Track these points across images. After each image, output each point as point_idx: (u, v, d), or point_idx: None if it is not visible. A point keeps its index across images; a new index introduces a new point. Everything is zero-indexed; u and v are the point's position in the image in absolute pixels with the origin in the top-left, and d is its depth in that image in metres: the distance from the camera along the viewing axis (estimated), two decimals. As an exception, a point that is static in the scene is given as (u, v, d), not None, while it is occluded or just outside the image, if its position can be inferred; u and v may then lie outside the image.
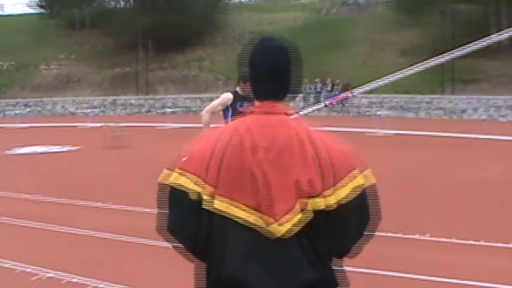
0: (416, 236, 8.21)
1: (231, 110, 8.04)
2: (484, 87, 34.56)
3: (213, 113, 8.14)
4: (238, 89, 8.31)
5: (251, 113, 2.48)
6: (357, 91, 9.36)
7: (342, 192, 2.34)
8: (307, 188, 2.30)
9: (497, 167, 14.77)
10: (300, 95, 36.09)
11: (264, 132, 2.38)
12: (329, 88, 35.81)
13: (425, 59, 8.51)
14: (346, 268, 2.54)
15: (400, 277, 6.60)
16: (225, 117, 8.01)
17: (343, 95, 9.20)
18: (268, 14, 51.28)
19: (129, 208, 10.08)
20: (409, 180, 12.97)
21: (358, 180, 2.39)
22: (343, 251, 2.48)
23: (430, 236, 8.20)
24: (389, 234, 8.02)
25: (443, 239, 8.06)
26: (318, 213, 2.32)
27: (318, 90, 36.09)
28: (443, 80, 37.92)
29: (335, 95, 35.14)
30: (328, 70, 37.00)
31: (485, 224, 9.01)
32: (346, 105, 34.06)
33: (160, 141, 21.75)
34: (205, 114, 8.04)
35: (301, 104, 35.66)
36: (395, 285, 6.46)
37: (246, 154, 2.34)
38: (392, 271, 6.73)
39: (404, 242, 8.03)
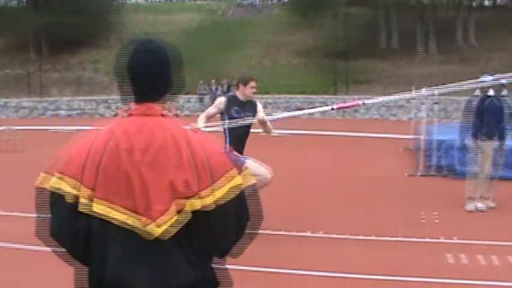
0: (309, 234, 8.37)
1: (226, 115, 7.95)
2: (376, 88, 35.62)
3: (208, 118, 8.05)
4: (237, 93, 8.17)
5: (129, 115, 2.49)
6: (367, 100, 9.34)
7: (219, 193, 2.37)
8: (183, 188, 2.32)
9: (387, 164, 15.25)
10: (195, 96, 36.13)
11: (140, 134, 2.39)
12: (225, 89, 35.91)
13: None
14: (243, 267, 2.57)
15: (296, 274, 6.70)
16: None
17: (353, 102, 9.19)
18: (164, 15, 50.93)
19: (21, 215, 9.78)
20: (302, 179, 13.18)
21: (236, 181, 2.42)
22: (224, 251, 2.52)
23: (323, 233, 8.38)
24: (282, 232, 8.17)
25: (335, 235, 8.26)
26: (196, 213, 2.35)
27: (214, 90, 36.14)
28: (337, 81, 38.86)
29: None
30: (224, 71, 37.13)
31: (376, 219, 9.28)
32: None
33: (54, 144, 21.15)
34: (199, 120, 7.88)
35: (197, 105, 35.66)
36: (292, 283, 6.55)
37: (122, 156, 2.35)
38: (288, 269, 6.82)
39: (298, 240, 8.15)
